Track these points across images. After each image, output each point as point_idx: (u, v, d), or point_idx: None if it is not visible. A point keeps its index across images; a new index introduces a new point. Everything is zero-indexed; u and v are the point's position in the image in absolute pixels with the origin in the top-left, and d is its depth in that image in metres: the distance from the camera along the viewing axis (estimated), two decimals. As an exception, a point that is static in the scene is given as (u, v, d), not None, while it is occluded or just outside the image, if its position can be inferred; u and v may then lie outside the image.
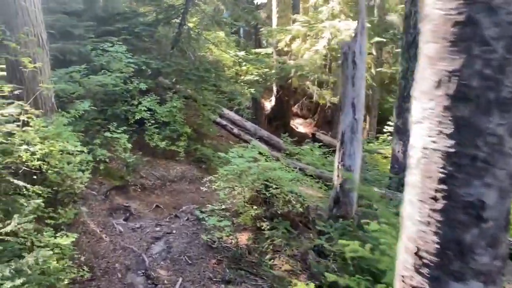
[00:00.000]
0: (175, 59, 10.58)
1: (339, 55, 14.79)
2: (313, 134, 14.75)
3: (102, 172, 7.61)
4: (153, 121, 9.52)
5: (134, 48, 10.50)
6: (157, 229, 6.63)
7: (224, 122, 14.11)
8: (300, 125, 17.96)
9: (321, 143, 14.75)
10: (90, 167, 6.02)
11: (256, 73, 15.77)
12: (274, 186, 6.50)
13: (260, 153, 7.80)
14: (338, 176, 6.72)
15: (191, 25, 12.38)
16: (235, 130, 13.90)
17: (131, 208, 7.29)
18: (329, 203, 6.95)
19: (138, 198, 7.98)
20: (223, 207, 6.77)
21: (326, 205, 7.38)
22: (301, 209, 6.58)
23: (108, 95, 8.88)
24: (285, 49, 15.93)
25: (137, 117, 9.30)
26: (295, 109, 18.16)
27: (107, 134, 7.62)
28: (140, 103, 9.55)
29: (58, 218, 4.94)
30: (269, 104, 16.95)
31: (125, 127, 8.65)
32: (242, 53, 16.55)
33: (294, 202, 6.48)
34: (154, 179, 8.85)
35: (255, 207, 6.56)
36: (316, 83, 16.22)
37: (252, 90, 16.08)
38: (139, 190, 8.24)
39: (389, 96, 17.90)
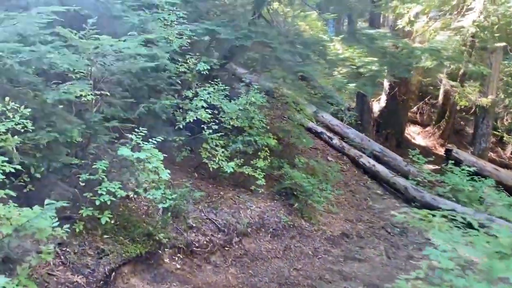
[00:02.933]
0: (257, 29, 6.60)
1: (496, 34, 9.97)
2: (448, 151, 10.16)
3: (105, 228, 3.82)
4: (215, 126, 5.62)
5: (194, 11, 6.69)
6: None
7: (319, 129, 9.95)
8: (417, 135, 13.25)
9: (460, 165, 10.00)
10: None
11: (363, 62, 11.41)
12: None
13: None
14: None
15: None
16: (335, 141, 9.65)
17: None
18: None
19: (177, 277, 4.08)
20: None
21: None
22: None
23: (140, 78, 5.13)
24: (407, 28, 11.36)
25: (190, 118, 5.46)
26: (410, 113, 13.45)
27: (123, 151, 3.81)
28: (196, 94, 5.71)
29: None
30: (376, 105, 12.48)
31: (164, 136, 4.85)
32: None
33: None
34: (212, 231, 4.93)
35: None
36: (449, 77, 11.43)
37: (352, 85, 11.84)
38: (180, 257, 4.34)
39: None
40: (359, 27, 15.70)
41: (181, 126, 5.50)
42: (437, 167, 9.92)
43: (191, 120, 5.45)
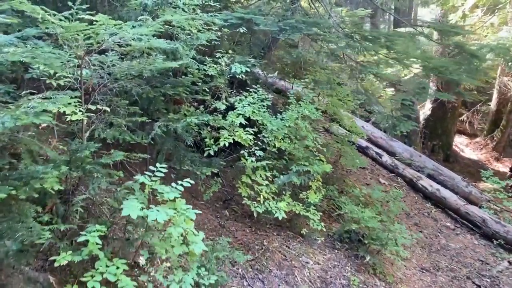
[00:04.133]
0: (306, 18, 5.00)
1: None
2: (516, 169, 8.51)
3: None
4: (260, 152, 4.01)
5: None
6: None
7: (364, 143, 8.33)
8: (465, 147, 11.55)
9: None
10: None
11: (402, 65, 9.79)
12: None
13: None
14: None
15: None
16: (385, 159, 8.02)
17: None
18: None
19: None
20: None
21: None
22: None
23: (154, 86, 3.54)
24: (459, 23, 9.75)
25: (225, 141, 3.85)
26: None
27: (131, 209, 2.23)
28: (231, 107, 4.12)
29: None
30: (421, 113, 10.82)
31: (192, 166, 3.27)
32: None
33: None
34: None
35: None
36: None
37: (390, 91, 10.21)
38: None
39: None
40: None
41: (211, 152, 3.89)
42: (498, 186, 8.24)
43: (226, 144, 3.85)
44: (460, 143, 11.56)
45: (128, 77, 3.18)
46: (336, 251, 4.53)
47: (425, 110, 10.87)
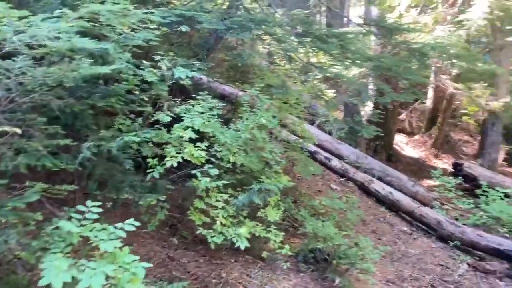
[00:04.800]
0: (254, 16, 4.50)
1: (508, 27, 8.60)
2: (458, 165, 8.63)
3: None
4: (214, 170, 3.42)
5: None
6: None
7: (312, 148, 8.00)
8: (405, 145, 11.71)
9: (473, 181, 8.48)
10: None
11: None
12: None
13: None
14: None
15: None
16: (335, 163, 7.75)
17: None
18: None
19: None
20: None
21: None
22: None
23: (80, 97, 2.84)
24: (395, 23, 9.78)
25: (172, 160, 3.22)
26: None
27: (51, 275, 1.58)
28: (180, 119, 3.49)
29: None
30: (363, 115, 10.77)
31: (132, 193, 2.63)
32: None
33: None
34: None
35: None
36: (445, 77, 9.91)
37: (332, 91, 10.06)
38: None
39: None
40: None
41: (156, 174, 3.24)
42: (438, 184, 8.29)
43: (174, 165, 3.22)
44: (400, 142, 11.71)
45: (45, 88, 2.46)
46: (302, 274, 4.06)
47: (366, 110, 10.84)
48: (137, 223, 2.03)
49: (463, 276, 5.31)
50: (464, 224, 6.36)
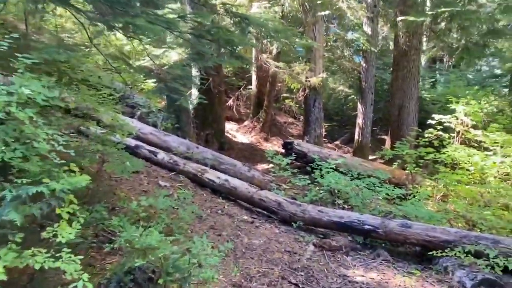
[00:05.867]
0: None
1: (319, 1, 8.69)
2: (288, 144, 8.42)
3: None
4: None
5: None
6: None
7: (133, 142, 6.77)
8: (236, 132, 11.30)
9: (303, 158, 8.42)
10: None
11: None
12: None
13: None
14: None
15: None
16: (162, 156, 6.67)
17: None
18: None
19: None
20: None
21: None
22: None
23: None
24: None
25: None
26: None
27: None
28: None
29: None
30: (189, 103, 9.89)
31: None
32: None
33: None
34: None
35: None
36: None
37: (152, 81, 8.98)
38: None
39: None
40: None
41: None
42: (272, 166, 8.03)
43: None
44: (231, 129, 11.27)
45: None
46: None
47: (192, 98, 10.02)
48: None
49: (311, 259, 4.83)
50: (303, 202, 6.01)
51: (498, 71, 17.79)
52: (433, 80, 17.67)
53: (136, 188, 5.65)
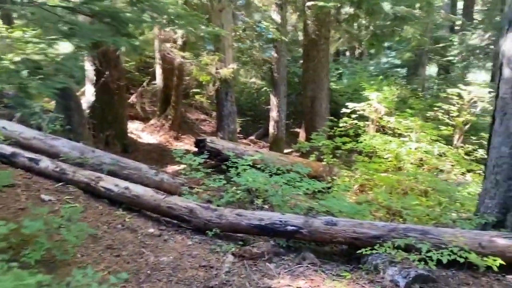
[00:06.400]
0: None
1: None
2: (200, 142, 7.66)
3: None
4: None
5: None
6: None
7: (8, 149, 5.56)
8: (142, 133, 10.25)
9: (218, 156, 7.77)
10: None
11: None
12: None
13: None
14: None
15: None
16: (45, 164, 5.55)
17: None
18: None
19: None
20: None
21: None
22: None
23: None
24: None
25: None
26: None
27: None
28: None
29: None
30: (84, 100, 8.66)
31: None
32: None
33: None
34: None
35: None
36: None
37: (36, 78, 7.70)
38: None
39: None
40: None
41: None
42: (183, 167, 7.26)
43: None
44: (136, 129, 10.20)
45: None
46: None
47: (87, 96, 8.82)
48: None
49: (231, 272, 4.16)
50: (218, 206, 5.33)
51: (398, 62, 18.77)
52: (339, 72, 18.08)
53: (10, 206, 4.53)
